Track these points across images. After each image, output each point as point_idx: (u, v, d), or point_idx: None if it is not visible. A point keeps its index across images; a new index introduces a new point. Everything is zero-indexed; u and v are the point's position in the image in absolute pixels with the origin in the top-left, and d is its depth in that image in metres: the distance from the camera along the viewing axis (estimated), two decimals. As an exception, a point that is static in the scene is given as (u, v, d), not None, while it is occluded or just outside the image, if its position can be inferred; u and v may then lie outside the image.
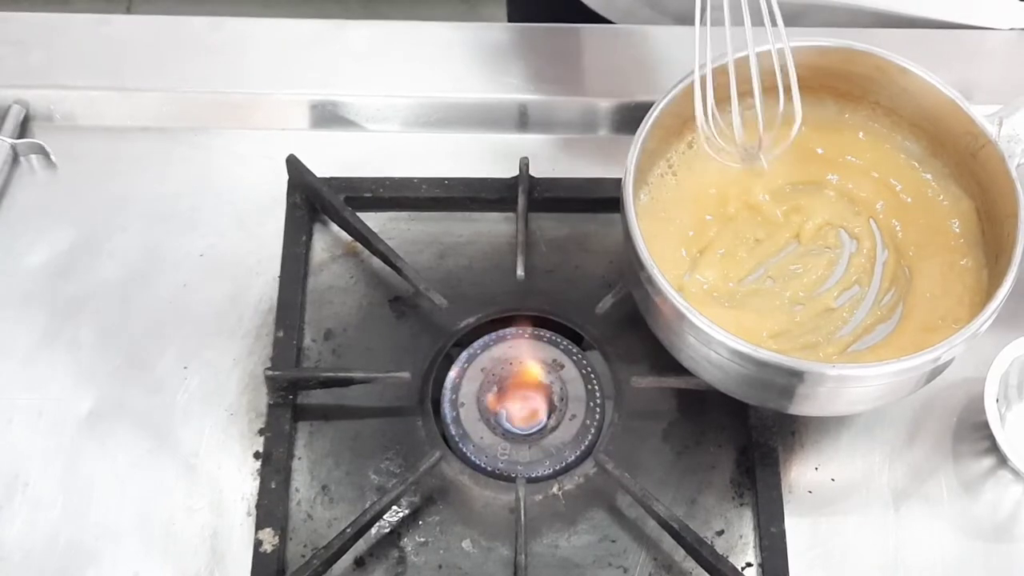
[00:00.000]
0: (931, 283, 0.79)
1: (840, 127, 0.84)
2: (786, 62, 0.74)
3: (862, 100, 0.83)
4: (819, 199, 0.82)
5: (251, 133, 0.93)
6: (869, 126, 0.83)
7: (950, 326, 0.76)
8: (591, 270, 0.87)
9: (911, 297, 0.79)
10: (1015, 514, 0.80)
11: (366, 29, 0.96)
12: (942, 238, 0.81)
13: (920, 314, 0.78)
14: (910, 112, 0.82)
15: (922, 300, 0.79)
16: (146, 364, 0.83)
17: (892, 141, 0.83)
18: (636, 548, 0.78)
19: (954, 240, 0.80)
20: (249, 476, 0.80)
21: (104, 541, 0.78)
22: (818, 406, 0.76)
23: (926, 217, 0.82)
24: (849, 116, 0.84)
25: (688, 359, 0.76)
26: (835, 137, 0.84)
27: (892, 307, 0.79)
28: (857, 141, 0.83)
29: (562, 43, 0.96)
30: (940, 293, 0.79)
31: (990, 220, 0.79)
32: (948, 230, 0.81)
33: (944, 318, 0.77)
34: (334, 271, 0.88)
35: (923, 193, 0.82)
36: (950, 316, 0.77)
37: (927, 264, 0.80)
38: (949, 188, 0.81)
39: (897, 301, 0.79)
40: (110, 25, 0.96)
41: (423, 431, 0.81)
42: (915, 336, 0.77)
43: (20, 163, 0.91)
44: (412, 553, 0.78)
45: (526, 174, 0.88)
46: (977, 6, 0.96)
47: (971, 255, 0.79)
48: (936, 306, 0.78)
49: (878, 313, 0.79)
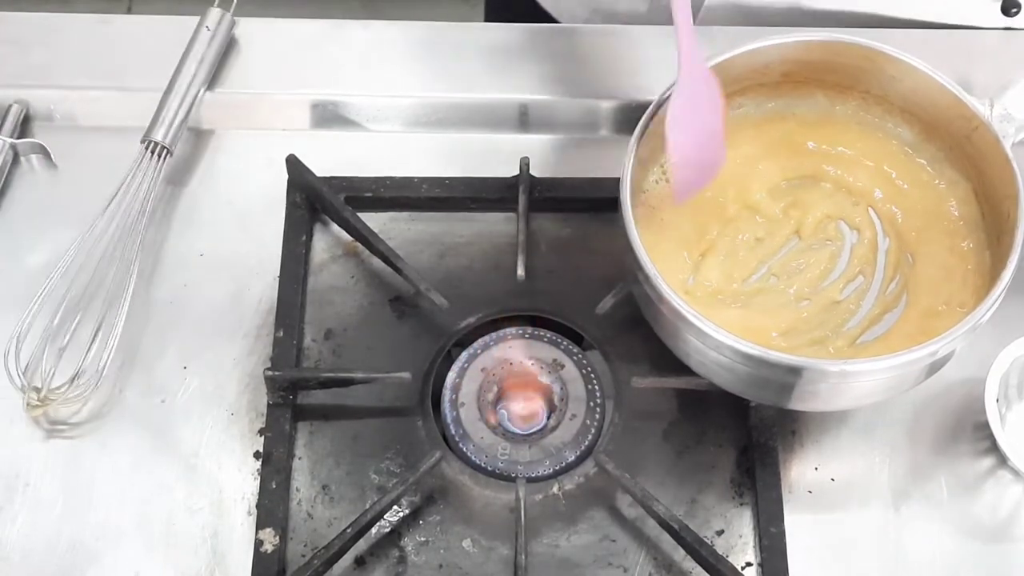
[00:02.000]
0: (934, 267, 0.79)
1: (832, 119, 0.84)
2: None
3: (852, 91, 0.83)
4: (817, 193, 0.83)
5: (251, 133, 0.93)
6: (860, 116, 0.83)
7: (955, 310, 0.76)
8: (591, 270, 0.87)
9: (915, 283, 0.79)
10: (1015, 514, 0.80)
11: (367, 29, 0.96)
12: (942, 222, 0.81)
13: (925, 299, 0.78)
14: (901, 100, 0.82)
15: (927, 285, 0.79)
16: (146, 364, 0.83)
17: (884, 129, 0.83)
18: (636, 548, 0.78)
19: (954, 223, 0.80)
20: (249, 476, 0.80)
21: (105, 541, 0.78)
22: (819, 402, 0.76)
23: (924, 202, 0.82)
24: (840, 108, 0.84)
25: (690, 359, 0.76)
26: (827, 130, 0.84)
27: (898, 295, 0.79)
28: (849, 132, 0.84)
29: (563, 43, 0.96)
30: (944, 277, 0.78)
31: (989, 201, 0.79)
32: (947, 214, 0.81)
33: (949, 302, 0.77)
34: (334, 271, 0.88)
35: (919, 179, 0.82)
36: (955, 300, 0.77)
37: (929, 248, 0.80)
38: (945, 172, 0.81)
39: (902, 288, 0.79)
40: (110, 25, 0.96)
41: (423, 431, 0.81)
42: (921, 322, 0.77)
43: (20, 163, 0.91)
44: (412, 553, 0.78)
45: (527, 174, 0.88)
46: (963, 8, 0.96)
47: (972, 237, 0.79)
48: (940, 290, 0.78)
49: (884, 302, 0.79)
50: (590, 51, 0.95)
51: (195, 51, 0.91)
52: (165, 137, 0.88)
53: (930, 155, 0.82)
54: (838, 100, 0.83)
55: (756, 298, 0.79)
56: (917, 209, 0.82)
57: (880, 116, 0.83)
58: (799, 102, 0.84)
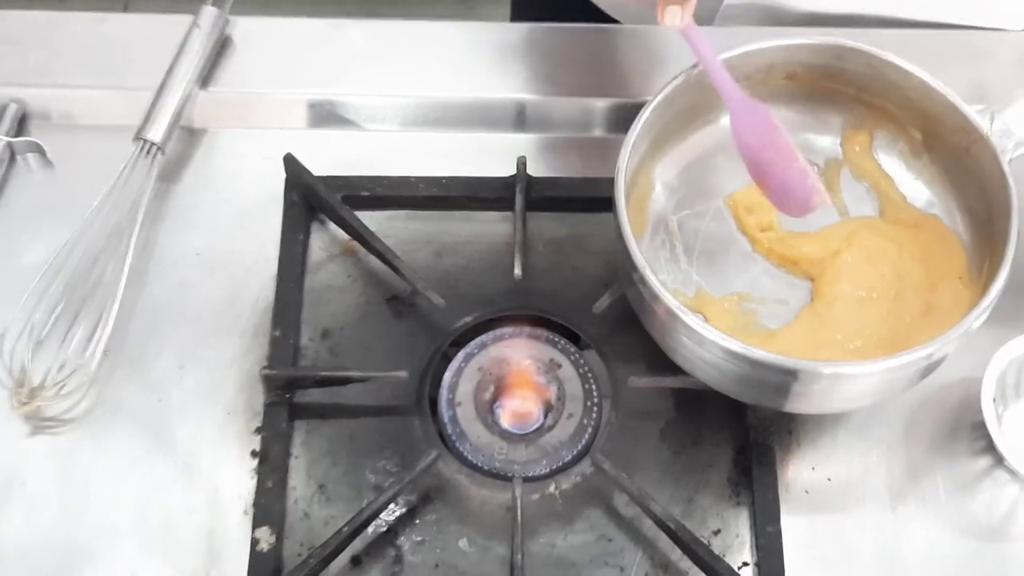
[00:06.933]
0: (928, 272, 0.79)
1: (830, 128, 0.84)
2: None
3: (855, 99, 0.83)
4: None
5: (249, 132, 0.93)
6: (861, 123, 0.84)
7: (947, 313, 0.76)
8: (588, 269, 0.87)
9: (907, 286, 0.79)
10: (1011, 513, 0.80)
11: (364, 28, 0.96)
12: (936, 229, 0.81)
13: (917, 302, 0.78)
14: (902, 107, 0.82)
15: (919, 289, 0.79)
16: (143, 363, 0.83)
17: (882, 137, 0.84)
18: (633, 547, 0.78)
19: (947, 232, 0.81)
20: (246, 475, 0.80)
21: (101, 540, 0.78)
22: (813, 404, 0.76)
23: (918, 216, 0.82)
24: (842, 115, 0.84)
25: (683, 359, 0.76)
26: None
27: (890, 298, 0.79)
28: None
29: (560, 43, 0.96)
30: (937, 282, 0.79)
31: (983, 215, 0.79)
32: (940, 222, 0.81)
33: (941, 305, 0.77)
34: (331, 270, 0.88)
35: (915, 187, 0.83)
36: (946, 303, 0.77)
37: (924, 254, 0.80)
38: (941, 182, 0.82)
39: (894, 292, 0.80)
40: (107, 24, 0.96)
41: (420, 430, 0.81)
42: (914, 325, 0.77)
43: (17, 162, 0.91)
44: (409, 552, 0.78)
45: (524, 173, 0.88)
46: (985, 9, 0.96)
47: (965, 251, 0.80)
48: (933, 296, 0.78)
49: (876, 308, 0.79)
50: (587, 51, 0.95)
51: (188, 50, 0.91)
52: (157, 135, 0.88)
53: (927, 164, 0.82)
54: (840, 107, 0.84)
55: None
56: (911, 217, 0.82)
57: (880, 124, 0.83)
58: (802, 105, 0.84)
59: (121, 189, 0.85)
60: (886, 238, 0.81)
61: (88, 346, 0.81)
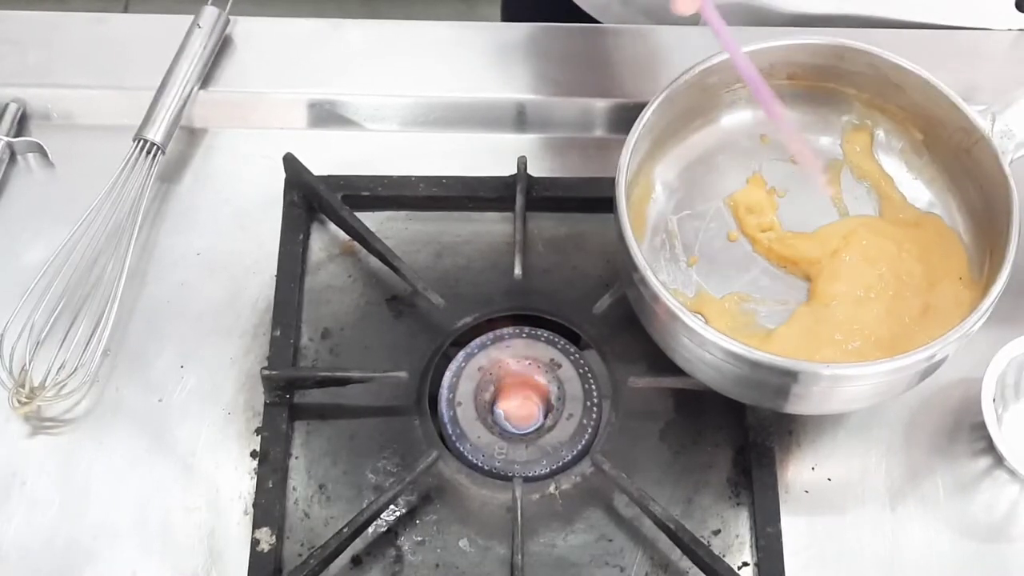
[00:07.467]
0: (928, 273, 0.79)
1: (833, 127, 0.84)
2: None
3: (856, 99, 0.83)
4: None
5: (249, 132, 0.93)
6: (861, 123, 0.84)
7: (946, 315, 0.76)
8: (589, 269, 0.87)
9: (907, 286, 0.79)
10: (1011, 514, 0.80)
11: (364, 28, 0.96)
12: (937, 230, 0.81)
13: (917, 303, 0.78)
14: (903, 107, 0.82)
15: (919, 289, 0.79)
16: (143, 363, 0.83)
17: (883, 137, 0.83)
18: (633, 547, 0.78)
19: (948, 232, 0.81)
20: (246, 475, 0.80)
21: (101, 540, 0.78)
22: (813, 405, 0.76)
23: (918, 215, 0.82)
24: (843, 115, 0.84)
25: (683, 360, 0.76)
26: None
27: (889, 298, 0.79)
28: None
29: (560, 43, 0.96)
30: (937, 282, 0.79)
31: (984, 215, 0.79)
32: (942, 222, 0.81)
33: (939, 307, 0.77)
34: (331, 270, 0.88)
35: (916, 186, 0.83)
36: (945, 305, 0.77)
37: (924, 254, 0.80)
38: (942, 182, 0.82)
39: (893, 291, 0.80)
40: (107, 24, 0.96)
41: (420, 430, 0.81)
42: (913, 325, 0.77)
43: (17, 162, 0.91)
44: (409, 552, 0.78)
45: (524, 173, 0.88)
46: (971, 9, 0.96)
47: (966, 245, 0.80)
48: (932, 296, 0.78)
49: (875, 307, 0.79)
50: (587, 51, 0.95)
51: (188, 49, 0.91)
52: (157, 135, 0.88)
53: (928, 165, 0.82)
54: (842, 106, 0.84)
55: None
56: (911, 216, 0.82)
57: (881, 123, 0.83)
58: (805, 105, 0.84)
59: (121, 189, 0.85)
60: (885, 237, 0.81)
61: (88, 346, 0.81)
